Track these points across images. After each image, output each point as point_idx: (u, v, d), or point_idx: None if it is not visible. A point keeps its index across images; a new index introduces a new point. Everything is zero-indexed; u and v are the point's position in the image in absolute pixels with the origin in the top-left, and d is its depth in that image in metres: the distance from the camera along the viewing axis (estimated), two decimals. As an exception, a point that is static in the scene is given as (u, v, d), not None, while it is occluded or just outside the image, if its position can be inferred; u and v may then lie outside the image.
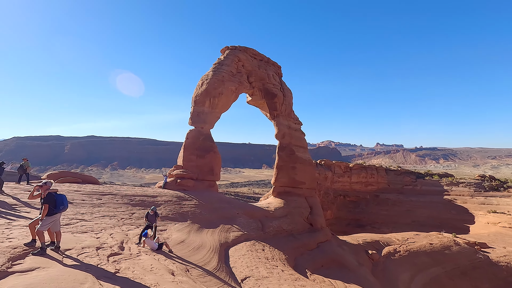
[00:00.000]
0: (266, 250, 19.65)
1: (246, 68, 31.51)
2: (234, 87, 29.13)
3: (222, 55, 31.06)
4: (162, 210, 18.94)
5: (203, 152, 27.52)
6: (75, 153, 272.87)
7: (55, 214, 6.80)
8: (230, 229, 20.49)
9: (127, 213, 16.53)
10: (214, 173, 28.20)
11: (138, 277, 6.57)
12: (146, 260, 8.62)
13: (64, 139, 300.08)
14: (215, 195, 27.06)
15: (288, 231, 25.09)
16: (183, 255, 12.04)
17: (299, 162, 31.52)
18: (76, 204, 15.59)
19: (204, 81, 28.42)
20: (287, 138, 31.89)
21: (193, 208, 21.34)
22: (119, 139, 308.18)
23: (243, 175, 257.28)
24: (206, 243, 15.80)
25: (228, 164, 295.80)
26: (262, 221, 24.63)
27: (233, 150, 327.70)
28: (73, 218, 12.43)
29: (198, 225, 18.66)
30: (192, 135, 27.83)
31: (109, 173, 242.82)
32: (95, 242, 8.75)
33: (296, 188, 31.09)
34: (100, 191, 19.94)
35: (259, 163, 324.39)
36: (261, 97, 32.27)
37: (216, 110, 28.68)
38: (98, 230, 11.12)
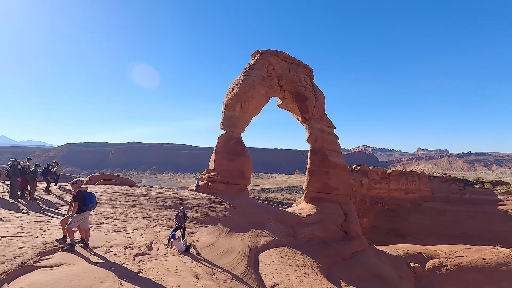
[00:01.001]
0: (298, 257, 18.97)
1: (276, 72, 31.28)
2: (264, 90, 29.00)
3: (252, 59, 31.20)
4: (193, 213, 19.19)
5: (234, 156, 27.62)
6: (118, 158, 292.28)
7: (85, 211, 7.04)
8: (260, 234, 20.15)
9: (159, 215, 16.96)
10: (245, 177, 28.13)
11: (160, 279, 6.52)
12: (172, 261, 8.62)
13: (109, 145, 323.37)
14: (246, 199, 26.93)
15: (321, 238, 24.07)
16: (211, 258, 11.95)
17: (333, 167, 30.32)
18: (113, 205, 16.36)
19: (234, 86, 28.69)
20: (319, 142, 30.92)
21: (224, 211, 21.36)
22: (157, 145, 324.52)
23: (275, 181, 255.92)
24: (235, 247, 15.62)
25: (260, 169, 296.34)
26: (294, 227, 23.95)
27: (265, 156, 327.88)
28: (109, 217, 12.98)
29: (228, 229, 18.58)
30: (223, 139, 28.11)
31: (148, 177, 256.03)
32: (124, 241, 8.96)
33: (330, 194, 29.89)
34: (136, 193, 20.78)
35: (292, 169, 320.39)
36: (292, 101, 31.75)
37: (246, 114, 28.73)
38: (130, 230, 11.44)
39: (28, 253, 5.82)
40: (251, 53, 32.23)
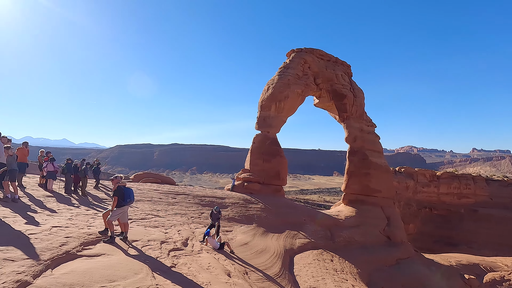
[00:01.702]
0: (335, 261, 18.19)
1: (312, 70, 30.53)
2: (300, 89, 28.46)
3: (287, 58, 30.83)
4: (229, 212, 19.42)
5: (269, 156, 27.49)
6: (162, 158, 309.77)
7: (123, 206, 7.42)
8: (296, 235, 19.73)
9: (197, 212, 17.43)
10: (281, 177, 27.84)
11: (191, 274, 6.60)
12: (205, 258, 8.72)
13: (153, 147, 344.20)
14: (282, 200, 26.63)
15: (361, 243, 22.83)
16: (245, 257, 11.91)
17: (374, 168, 28.66)
18: (154, 202, 17.20)
19: (269, 85, 28.59)
20: (359, 142, 29.47)
21: (259, 211, 21.31)
22: (197, 146, 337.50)
23: (312, 182, 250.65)
24: (270, 247, 15.44)
25: (297, 170, 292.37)
26: (331, 229, 23.07)
27: (303, 157, 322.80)
28: (149, 213, 13.64)
29: (263, 229, 18.47)
30: (259, 139, 28.13)
31: (189, 177, 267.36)
32: (161, 237, 9.29)
33: (370, 196, 28.28)
34: (175, 191, 21.65)
35: (330, 170, 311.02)
36: (329, 99, 30.72)
37: (282, 114, 28.45)
38: (168, 226, 11.87)
39: (72, 242, 6.29)
40: (286, 52, 31.90)
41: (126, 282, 5.06)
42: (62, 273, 4.81)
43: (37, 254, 5.16)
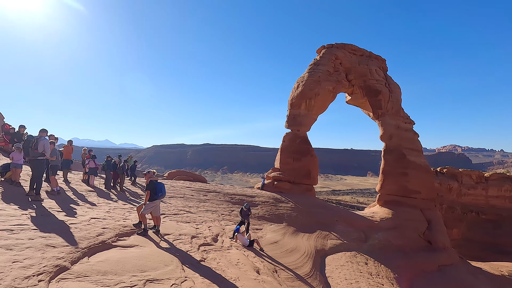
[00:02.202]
0: (370, 265, 17.34)
1: (344, 66, 29.50)
2: (331, 86, 27.63)
3: (318, 55, 30.11)
4: (259, 210, 19.39)
5: (299, 155, 27.03)
6: (195, 158, 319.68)
7: (155, 200, 7.64)
8: (327, 236, 19.15)
9: (227, 210, 17.61)
10: (311, 177, 27.24)
11: (220, 269, 6.60)
12: (235, 254, 8.70)
13: (187, 147, 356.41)
14: (312, 199, 26.04)
15: (398, 246, 21.53)
16: (274, 255, 11.75)
17: (412, 167, 26.93)
18: (186, 198, 17.67)
19: (299, 83, 28.11)
20: (395, 140, 27.87)
21: (289, 210, 21.02)
22: (228, 146, 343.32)
23: (345, 183, 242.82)
24: (301, 247, 15.12)
25: (329, 170, 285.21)
26: (365, 231, 22.07)
27: (334, 156, 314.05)
28: (181, 209, 14.01)
29: (294, 228, 18.17)
30: (289, 138, 27.78)
31: (221, 176, 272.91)
32: (192, 232, 9.46)
33: (408, 197, 26.60)
34: (207, 188, 22.10)
35: (363, 170, 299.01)
36: (362, 95, 29.46)
37: (312, 112, 27.84)
38: (199, 222, 12.09)
39: (108, 233, 6.60)
40: (317, 49, 31.16)
41: (157, 273, 5.17)
42: (97, 261, 5.05)
43: (76, 242, 5.47)
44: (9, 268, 3.86)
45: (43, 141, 8.41)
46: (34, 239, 5.07)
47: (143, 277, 4.89)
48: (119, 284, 4.45)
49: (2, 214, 5.95)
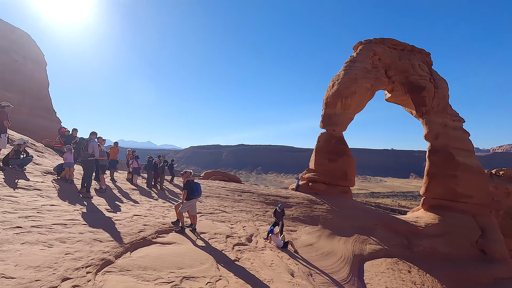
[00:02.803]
0: (414, 273, 16.22)
1: (383, 62, 28.01)
2: (369, 84, 26.39)
3: (354, 51, 28.96)
4: (293, 211, 19.16)
5: (335, 156, 26.22)
6: (229, 158, 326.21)
7: (192, 199, 7.89)
8: (366, 240, 18.31)
9: (261, 210, 17.66)
10: (348, 178, 26.26)
11: (254, 269, 6.59)
12: (269, 255, 8.66)
13: (222, 147, 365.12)
14: (349, 201, 25.08)
15: (445, 255, 19.86)
16: (309, 258, 11.49)
17: (462, 169, 24.65)
18: (221, 198, 18.05)
19: (335, 82, 27.28)
20: (441, 139, 25.76)
21: (325, 212, 20.48)
22: (262, 147, 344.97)
23: (385, 185, 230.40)
24: (337, 250, 14.63)
25: (367, 172, 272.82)
26: (408, 237, 20.70)
27: (373, 157, 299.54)
28: (217, 209, 14.33)
29: (330, 231, 17.66)
30: (324, 138, 27.10)
31: (255, 176, 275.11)
32: (227, 231, 9.61)
33: (458, 202, 24.37)
34: (241, 189, 22.38)
35: (406, 172, 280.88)
36: (404, 92, 27.70)
37: (348, 111, 26.85)
38: (234, 222, 12.26)
39: (149, 230, 6.96)
40: (353, 45, 29.99)
41: (192, 271, 5.32)
42: (138, 256, 5.34)
43: (120, 238, 5.85)
44: (62, 259, 4.23)
45: (92, 143, 9.14)
46: (84, 233, 5.51)
47: (180, 274, 5.06)
48: (158, 280, 4.65)
49: (58, 210, 6.56)
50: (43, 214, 5.95)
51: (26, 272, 3.61)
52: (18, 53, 35.83)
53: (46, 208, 6.39)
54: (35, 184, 8.24)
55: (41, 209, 6.26)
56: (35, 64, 38.75)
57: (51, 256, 4.20)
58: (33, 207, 6.19)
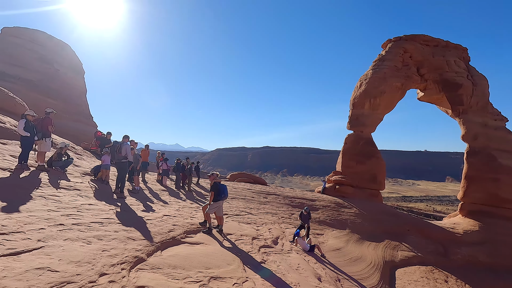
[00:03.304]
0: (451, 283, 15.23)
1: (415, 59, 26.75)
2: (399, 83, 25.32)
3: (383, 50, 27.96)
4: (319, 215, 18.83)
5: (363, 158, 25.41)
6: (255, 160, 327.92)
7: (219, 201, 8.04)
8: (398, 246, 17.51)
9: (287, 213, 17.53)
10: (377, 181, 25.32)
11: (280, 272, 6.55)
12: (295, 258, 8.57)
13: (247, 150, 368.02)
14: (379, 205, 24.14)
15: (487, 265, 18.41)
16: (337, 263, 11.20)
17: (505, 172, 22.78)
18: (247, 200, 18.19)
19: (362, 81, 26.50)
20: (481, 140, 24.01)
21: (353, 216, 19.89)
22: (288, 148, 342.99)
23: (418, 188, 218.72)
24: (366, 256, 14.13)
25: (398, 174, 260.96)
26: (445, 244, 19.48)
27: (405, 159, 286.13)
28: (243, 210, 14.45)
29: (358, 236, 17.11)
30: (351, 140, 26.38)
31: (280, 178, 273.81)
32: (253, 233, 9.65)
33: (501, 208, 22.55)
34: (267, 191, 22.38)
35: (441, 175, 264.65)
36: (438, 91, 26.21)
37: (377, 112, 25.92)
38: (260, 224, 12.28)
39: (178, 230, 7.19)
40: (382, 43, 28.96)
41: (220, 271, 5.41)
42: (168, 255, 5.53)
43: (151, 237, 6.10)
44: (100, 256, 4.50)
45: (125, 145, 9.64)
46: (118, 231, 5.82)
47: (207, 274, 5.17)
48: (187, 279, 4.79)
49: (95, 209, 7.00)
50: (82, 212, 6.38)
51: (68, 266, 3.89)
52: (60, 63, 38.74)
53: (85, 207, 6.84)
54: (75, 184, 8.85)
55: (81, 208, 6.71)
56: (75, 72, 41.66)
57: (90, 253, 4.49)
58: (73, 206, 6.66)
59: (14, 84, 29.96)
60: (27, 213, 5.40)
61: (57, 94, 35.85)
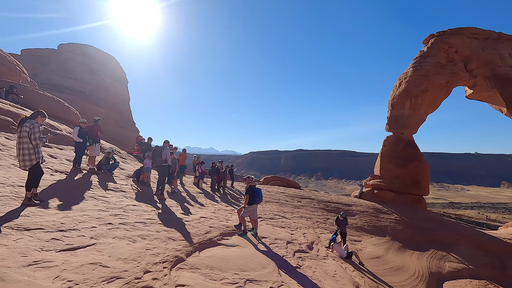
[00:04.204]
0: (509, 300, 13.70)
1: (461, 54, 24.75)
2: (444, 80, 23.59)
3: (425, 46, 26.29)
4: (357, 220, 18.14)
5: (404, 161, 24.01)
6: (288, 164, 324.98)
7: (253, 204, 8.12)
8: (445, 257, 16.20)
9: (322, 218, 17.14)
10: (420, 186, 23.73)
11: (316, 278, 6.40)
12: (331, 265, 8.33)
13: (280, 153, 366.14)
14: (423, 212, 22.58)
15: (556, 282, 16.25)
16: (377, 272, 10.66)
17: None
18: (281, 203, 18.11)
19: (402, 80, 25.13)
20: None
21: (393, 223, 18.86)
22: (322, 151, 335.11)
23: (468, 194, 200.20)
24: (409, 266, 13.29)
25: (444, 179, 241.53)
26: (501, 257, 17.62)
27: (452, 162, 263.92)
28: (277, 214, 14.41)
29: (400, 244, 16.17)
30: (390, 142, 25.09)
31: (314, 182, 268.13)
32: (288, 237, 9.58)
33: None
34: (301, 194, 22.10)
35: (495, 180, 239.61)
36: (490, 87, 23.94)
37: (419, 112, 24.37)
38: (294, 228, 12.16)
39: (214, 231, 7.39)
40: (423, 39, 27.25)
41: (255, 274, 5.46)
42: (206, 256, 5.72)
43: (190, 238, 6.36)
44: (144, 254, 4.80)
45: (165, 150, 10.18)
46: (160, 232, 6.15)
47: (243, 276, 5.25)
48: (223, 280, 4.91)
49: (139, 210, 7.47)
50: (127, 213, 6.85)
51: (116, 263, 4.21)
52: (106, 74, 42.13)
53: (130, 208, 7.34)
54: (121, 186, 9.53)
55: (126, 208, 7.21)
56: (119, 82, 44.98)
57: (135, 251, 4.81)
58: (120, 207, 7.17)
59: (68, 95, 33.17)
60: (81, 212, 5.94)
61: (104, 102, 38.97)
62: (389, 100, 26.08)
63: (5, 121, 10.42)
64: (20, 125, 5.59)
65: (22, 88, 15.94)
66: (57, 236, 4.50)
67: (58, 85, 35.15)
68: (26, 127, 5.53)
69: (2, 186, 5.88)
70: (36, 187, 5.80)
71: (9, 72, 17.36)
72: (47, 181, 7.16)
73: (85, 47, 42.10)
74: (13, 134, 10.11)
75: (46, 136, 5.97)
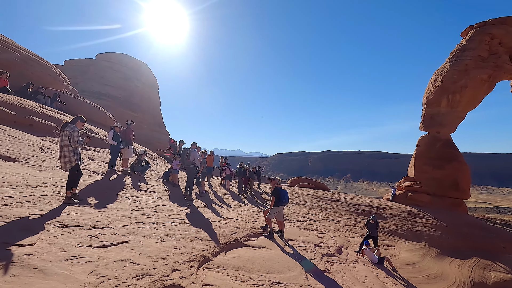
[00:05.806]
0: None
1: (506, 46, 22.77)
2: (485, 74, 21.85)
3: (463, 38, 24.54)
4: (389, 224, 17.33)
5: (441, 162, 22.55)
6: (316, 165, 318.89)
7: (280, 206, 8.04)
8: (490, 266, 14.94)
9: (352, 221, 16.60)
10: (460, 188, 22.13)
11: (345, 284, 6.17)
12: (362, 270, 7.99)
13: (308, 154, 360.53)
14: (463, 216, 21.02)
15: None
16: (411, 279, 10.07)
17: None
18: (308, 206, 17.82)
19: (437, 76, 23.66)
20: None
21: (430, 228, 17.77)
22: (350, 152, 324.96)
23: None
24: (449, 274, 12.42)
25: (488, 181, 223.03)
26: (557, 268, 15.85)
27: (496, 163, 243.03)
28: (304, 216, 14.19)
29: (437, 250, 15.19)
30: (425, 142, 23.71)
31: (343, 184, 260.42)
32: (315, 240, 9.37)
33: None
34: (329, 197, 21.58)
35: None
36: (540, 80, 21.78)
37: (457, 109, 22.77)
38: (322, 231, 11.88)
39: (240, 232, 7.43)
40: (461, 32, 25.45)
41: (281, 277, 5.39)
42: (232, 257, 5.76)
43: (216, 238, 6.45)
44: (172, 253, 4.94)
45: (193, 152, 10.45)
46: (188, 231, 6.30)
47: (269, 278, 5.21)
48: (249, 281, 4.90)
49: (168, 209, 7.73)
50: (157, 212, 7.11)
51: (146, 260, 4.37)
52: (139, 80, 44.37)
53: (159, 208, 7.61)
54: (152, 187, 9.93)
55: (156, 208, 7.49)
56: (151, 87, 47.13)
57: (164, 249, 4.97)
58: (150, 206, 7.47)
59: (105, 101, 35.35)
60: (115, 211, 6.26)
61: (137, 107, 41.02)
62: (423, 98, 24.67)
63: (49, 126, 11.32)
64: (62, 130, 6.03)
65: (65, 96, 17.25)
66: (93, 233, 4.78)
67: (96, 92, 37.58)
68: (66, 131, 5.96)
69: (46, 186, 6.37)
70: (76, 187, 6.21)
71: (54, 81, 18.88)
72: (85, 182, 7.65)
73: (120, 56, 44.65)
74: (56, 138, 10.95)
75: (84, 139, 6.39)
